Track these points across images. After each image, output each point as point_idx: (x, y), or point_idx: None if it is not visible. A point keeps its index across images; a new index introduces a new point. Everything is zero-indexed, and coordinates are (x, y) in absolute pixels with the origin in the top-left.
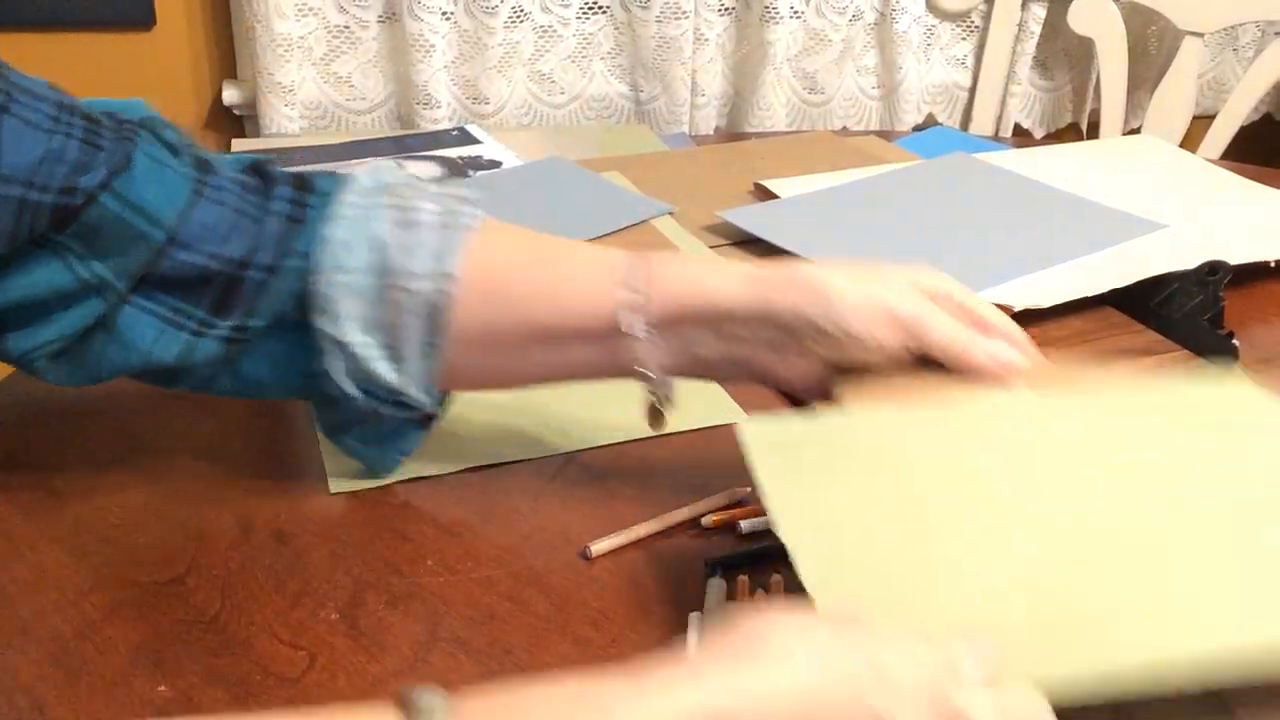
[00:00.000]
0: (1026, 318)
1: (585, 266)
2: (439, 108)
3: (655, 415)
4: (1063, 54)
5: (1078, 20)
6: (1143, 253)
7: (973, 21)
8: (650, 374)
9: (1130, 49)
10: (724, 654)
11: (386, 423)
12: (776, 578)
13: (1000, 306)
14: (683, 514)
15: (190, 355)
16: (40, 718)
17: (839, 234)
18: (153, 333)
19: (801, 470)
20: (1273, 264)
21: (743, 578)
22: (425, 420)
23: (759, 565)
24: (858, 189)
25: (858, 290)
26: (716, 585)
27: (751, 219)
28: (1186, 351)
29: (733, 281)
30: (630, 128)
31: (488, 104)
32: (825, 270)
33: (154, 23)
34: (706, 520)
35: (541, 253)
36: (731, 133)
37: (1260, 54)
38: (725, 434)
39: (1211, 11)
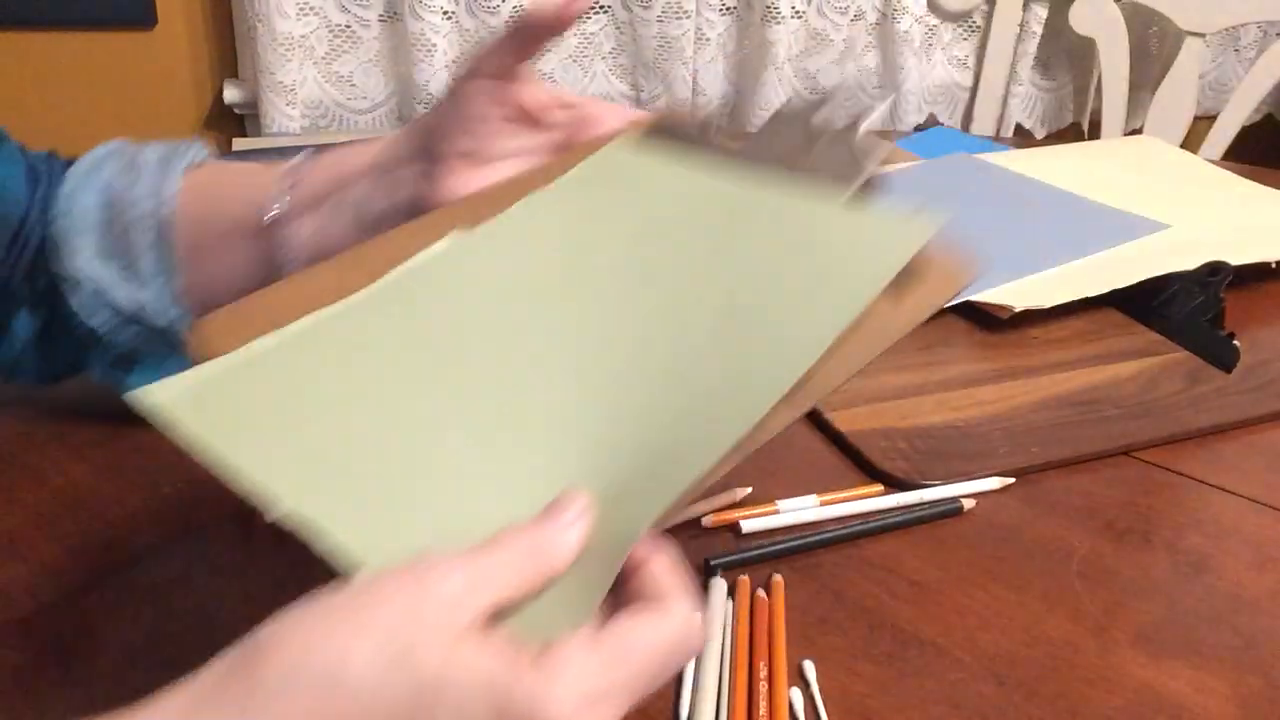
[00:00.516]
0: (1027, 318)
1: (261, 172)
2: None
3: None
4: (1064, 54)
5: (1079, 20)
6: (1144, 253)
7: (974, 22)
8: (286, 255)
9: (1131, 49)
10: (223, 688)
11: (153, 354)
12: (777, 577)
13: (1001, 306)
14: (683, 514)
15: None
16: (40, 717)
17: None
18: None
19: (250, 423)
20: (1274, 264)
21: (743, 578)
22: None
23: (759, 566)
24: None
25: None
26: (717, 585)
27: None
28: (1187, 352)
29: (386, 140)
30: None
31: None
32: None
33: (155, 22)
34: (706, 520)
35: (235, 170)
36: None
37: (1261, 55)
38: None
39: (1213, 12)
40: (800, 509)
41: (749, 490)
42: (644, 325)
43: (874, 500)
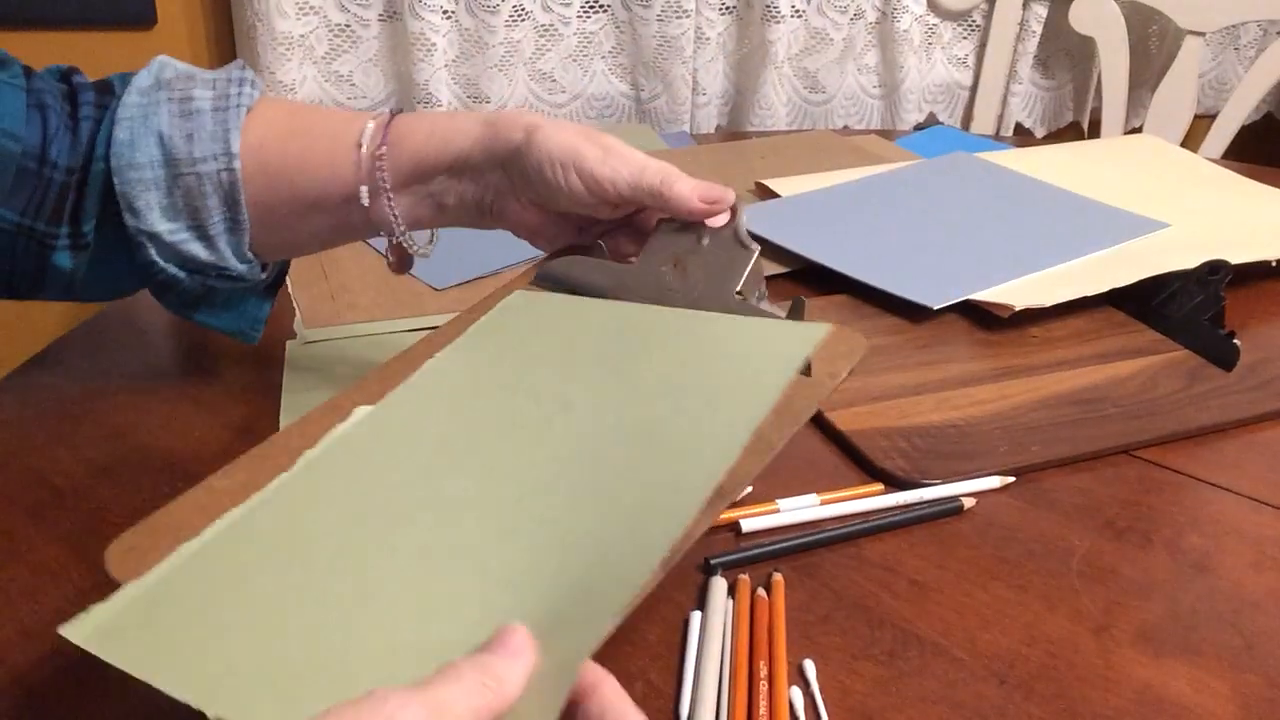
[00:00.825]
0: (1027, 317)
1: (331, 138)
2: (440, 106)
3: (400, 260)
4: (1064, 53)
5: (1079, 19)
6: (1143, 252)
7: (974, 20)
8: (395, 231)
9: (1131, 48)
10: None
11: (226, 294)
12: (777, 577)
13: (1001, 305)
14: None
15: (44, 270)
16: (40, 717)
17: (839, 233)
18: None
19: (173, 640)
20: (1273, 264)
21: (743, 577)
22: (269, 288)
23: (759, 565)
24: (858, 188)
25: (563, 137)
26: (717, 585)
27: (752, 218)
28: (1187, 351)
29: (467, 126)
30: (631, 127)
31: (489, 103)
32: (548, 119)
33: (155, 21)
34: None
35: (299, 124)
36: (732, 132)
37: (1261, 53)
38: None
39: (1213, 11)
40: (800, 508)
41: (749, 489)
42: (561, 458)
43: (874, 500)
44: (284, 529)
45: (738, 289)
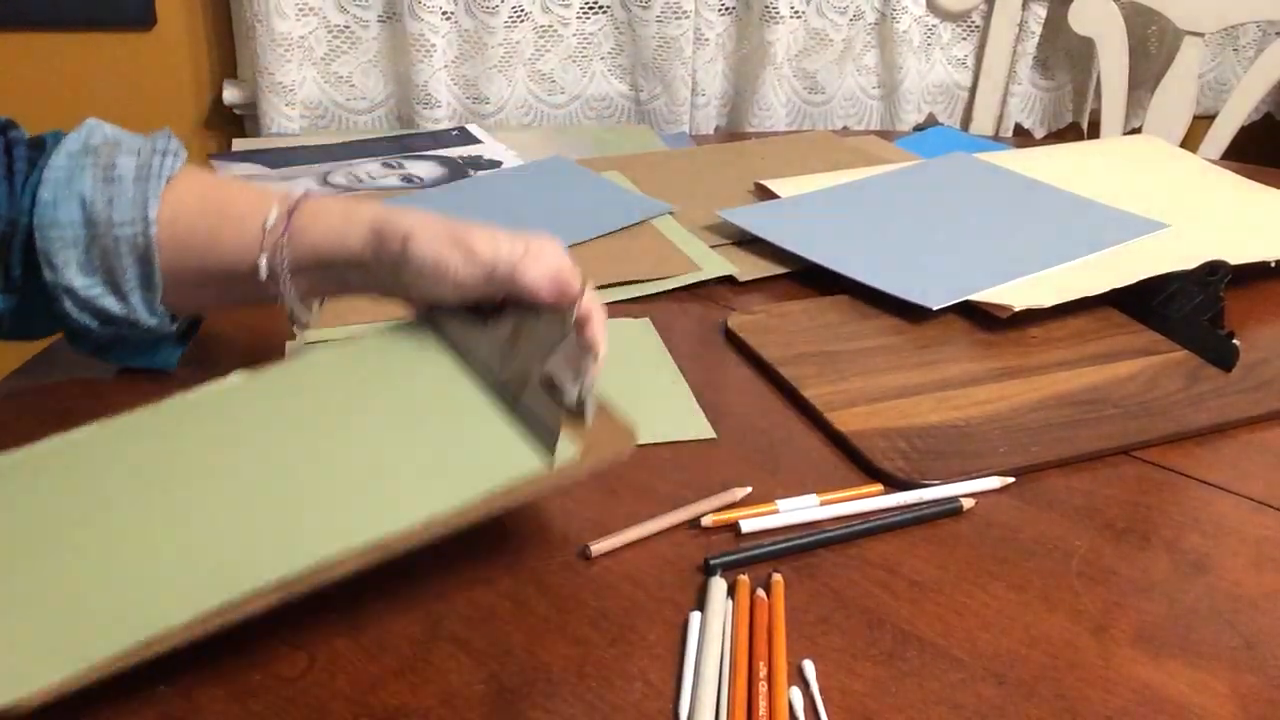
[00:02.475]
0: (1027, 318)
1: (240, 219)
2: (439, 107)
3: (293, 322)
4: (1063, 54)
5: (1078, 20)
6: (1143, 253)
7: (973, 21)
8: (290, 305)
9: (1131, 49)
10: None
11: (137, 341)
12: (777, 577)
13: (1001, 306)
14: (683, 514)
15: None
16: (40, 717)
17: (839, 234)
18: None
19: None
20: (1273, 264)
21: (743, 577)
22: (181, 336)
23: (758, 565)
24: (858, 189)
25: (431, 249)
26: (716, 585)
27: (751, 219)
28: (1187, 351)
29: (359, 230)
30: (630, 127)
31: (488, 104)
32: (422, 221)
33: (154, 22)
34: (706, 520)
35: (212, 204)
36: (732, 132)
37: (1261, 54)
38: (723, 438)
39: (1212, 11)
40: (800, 509)
41: (749, 490)
42: (288, 472)
43: (873, 500)
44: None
45: (547, 371)
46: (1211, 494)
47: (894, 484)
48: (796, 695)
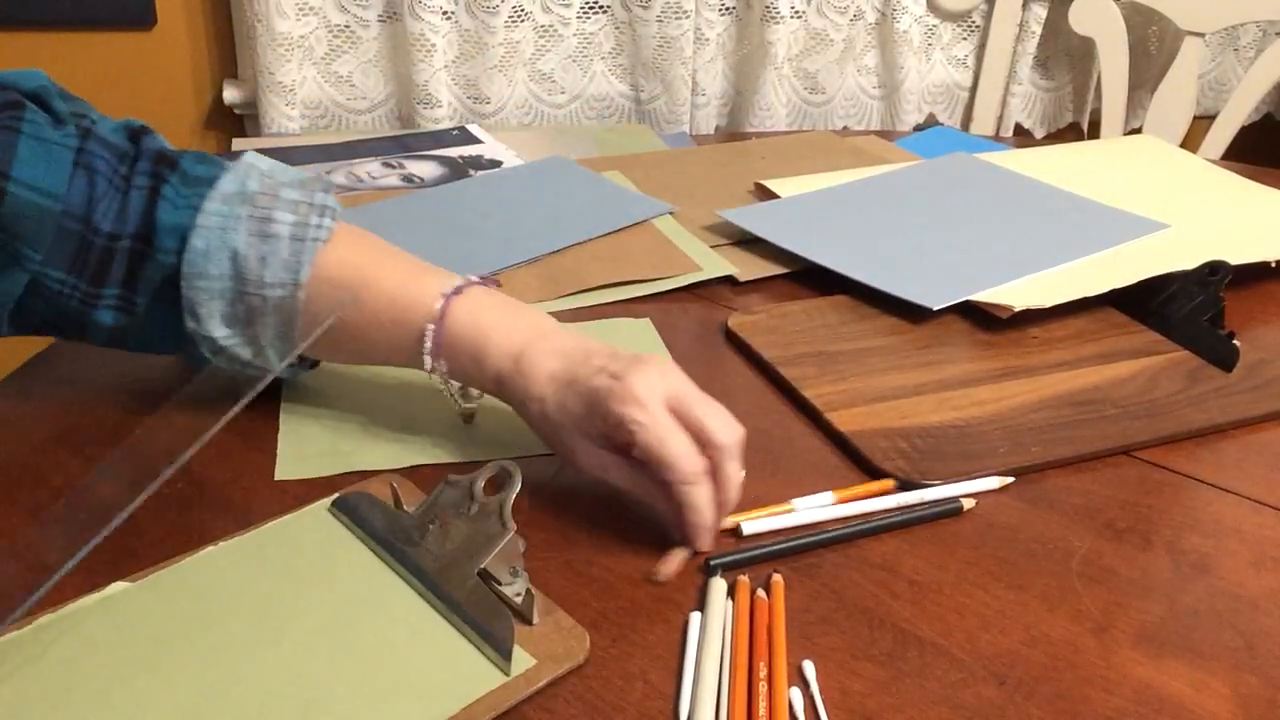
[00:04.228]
0: (1027, 318)
1: (394, 316)
2: (440, 107)
3: (458, 400)
4: (1063, 54)
5: (1078, 20)
6: (1143, 253)
7: (974, 21)
8: (451, 393)
9: (1131, 49)
10: None
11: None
12: (777, 577)
13: (1001, 306)
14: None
15: (85, 323)
16: None
17: (839, 234)
18: (43, 303)
19: None
20: (1273, 264)
21: (743, 578)
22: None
23: (759, 565)
24: (858, 189)
25: (569, 398)
26: (716, 586)
27: (751, 219)
28: (1187, 351)
29: (496, 363)
30: (631, 127)
31: (488, 103)
32: (544, 383)
33: (155, 22)
34: (733, 523)
35: (368, 278)
36: (732, 132)
37: (1261, 54)
38: None
39: (1212, 11)
40: (816, 507)
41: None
42: (251, 676)
43: (878, 500)
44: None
45: (482, 566)
46: (1212, 494)
47: (895, 484)
48: (796, 695)
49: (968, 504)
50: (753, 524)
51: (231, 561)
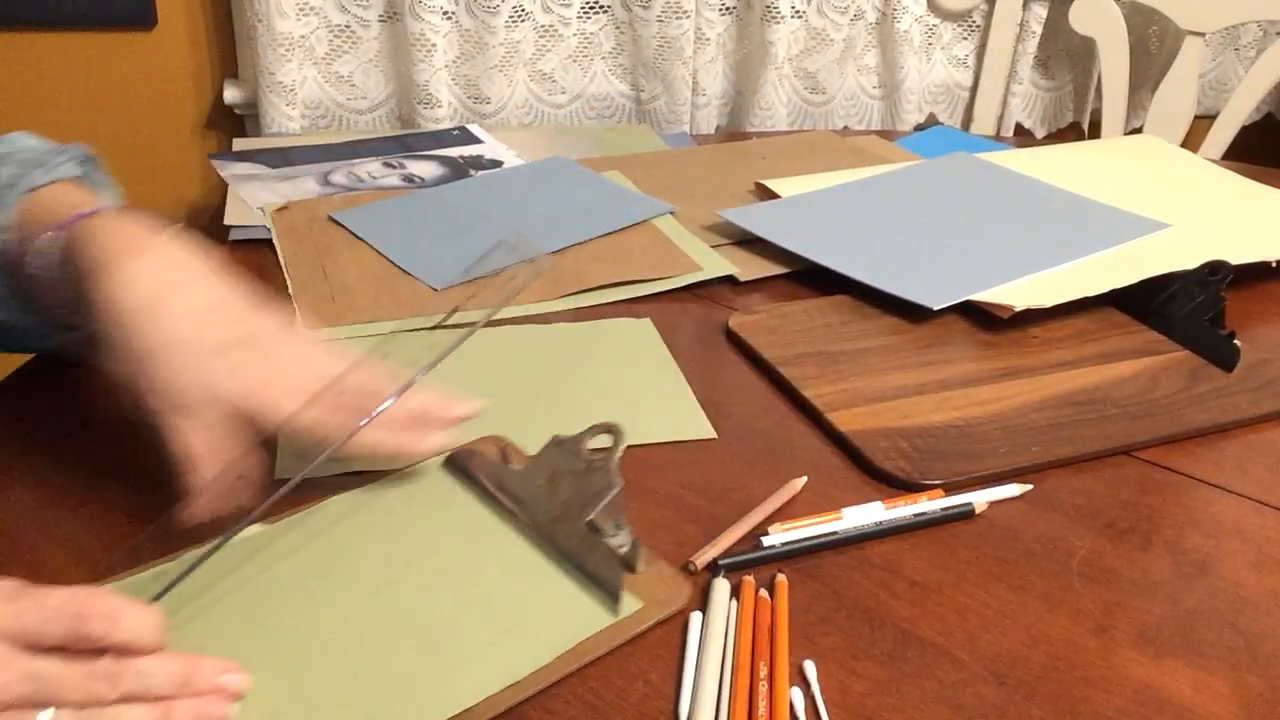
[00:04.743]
0: (1028, 318)
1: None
2: (440, 107)
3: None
4: (1064, 54)
5: (1079, 20)
6: (1144, 253)
7: (974, 21)
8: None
9: (1131, 49)
10: None
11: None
12: (781, 577)
13: (1001, 306)
14: (754, 518)
15: None
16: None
17: (840, 234)
18: None
19: None
20: (1274, 264)
21: (747, 578)
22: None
23: (763, 566)
24: (858, 189)
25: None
26: (719, 586)
27: (752, 218)
28: (1187, 351)
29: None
30: (631, 127)
31: (489, 103)
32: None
33: (155, 22)
34: (772, 535)
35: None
36: (732, 132)
37: (1262, 54)
38: (723, 438)
39: (1213, 11)
40: (865, 516)
41: (804, 479)
42: (372, 620)
43: (918, 505)
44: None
45: (590, 518)
46: (1213, 494)
47: (894, 484)
48: (797, 695)
49: (980, 508)
50: (796, 532)
51: (355, 510)
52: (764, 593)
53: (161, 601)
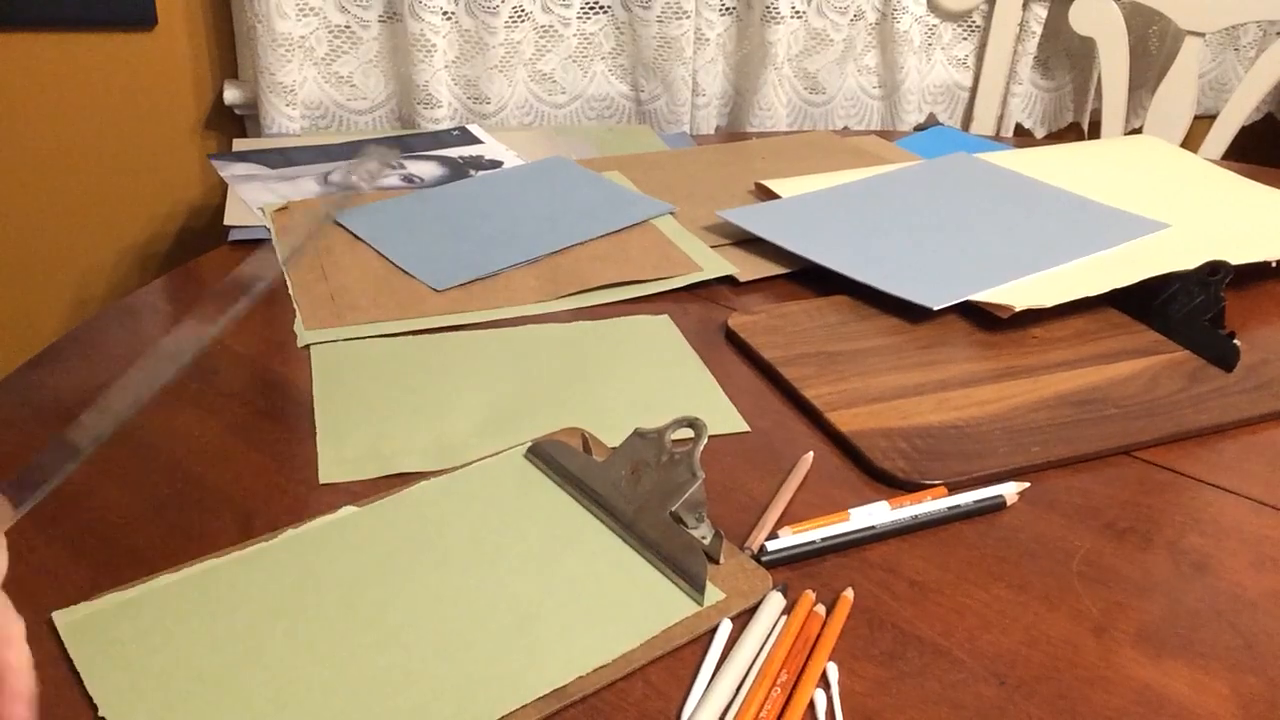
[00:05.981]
0: (1027, 318)
1: None
2: (440, 107)
3: None
4: (1064, 54)
5: (1079, 20)
6: (1144, 253)
7: (974, 21)
8: None
9: (1131, 49)
10: None
11: None
12: (847, 593)
13: (1001, 306)
14: (773, 513)
15: None
16: (42, 718)
17: (839, 234)
18: None
19: (127, 655)
20: (1273, 264)
21: (808, 592)
22: None
23: (776, 570)
24: (858, 189)
25: None
26: (774, 600)
27: (752, 219)
28: (1187, 351)
29: None
30: (631, 128)
31: (489, 104)
32: None
33: (155, 22)
34: (783, 535)
35: None
36: (732, 132)
37: (1261, 54)
38: (723, 438)
39: (1213, 11)
40: (871, 517)
41: (811, 454)
42: (448, 608)
43: (928, 504)
44: (255, 587)
45: (673, 509)
46: (1212, 494)
47: (895, 484)
48: (818, 696)
49: (1010, 499)
50: (809, 534)
51: (443, 495)
52: (821, 607)
53: (263, 582)
